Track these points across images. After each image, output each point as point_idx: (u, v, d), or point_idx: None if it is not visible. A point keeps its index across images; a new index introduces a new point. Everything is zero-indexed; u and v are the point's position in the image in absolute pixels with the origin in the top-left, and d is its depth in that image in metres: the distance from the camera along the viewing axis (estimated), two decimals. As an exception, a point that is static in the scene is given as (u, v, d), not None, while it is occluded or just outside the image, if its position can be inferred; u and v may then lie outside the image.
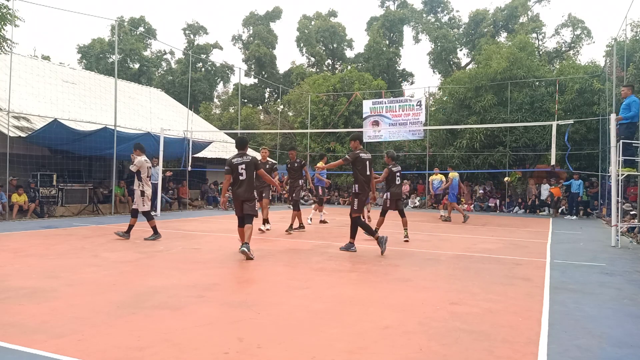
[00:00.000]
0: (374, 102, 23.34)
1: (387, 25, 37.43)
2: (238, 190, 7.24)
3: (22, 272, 5.80)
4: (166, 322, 3.91)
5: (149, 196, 9.13)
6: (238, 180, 7.23)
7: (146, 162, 9.12)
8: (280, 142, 28.60)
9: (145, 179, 9.01)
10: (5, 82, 14.16)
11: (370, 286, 5.44)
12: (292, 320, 4.09)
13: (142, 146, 9.26)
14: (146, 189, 9.01)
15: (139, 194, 9.00)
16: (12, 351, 3.24)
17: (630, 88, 9.64)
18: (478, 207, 20.85)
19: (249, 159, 7.29)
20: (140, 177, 8.96)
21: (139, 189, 8.99)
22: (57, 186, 14.09)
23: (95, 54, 40.64)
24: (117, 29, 25.97)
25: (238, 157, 7.30)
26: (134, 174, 9.06)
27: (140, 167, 8.95)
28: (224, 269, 6.49)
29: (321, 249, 8.27)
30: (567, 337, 3.76)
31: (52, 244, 8.18)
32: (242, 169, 7.22)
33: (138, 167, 8.95)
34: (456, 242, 9.69)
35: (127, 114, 19.17)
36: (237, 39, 45.19)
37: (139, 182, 8.98)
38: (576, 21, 30.68)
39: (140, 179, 8.97)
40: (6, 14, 11.78)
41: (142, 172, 8.97)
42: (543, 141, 19.33)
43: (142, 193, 8.97)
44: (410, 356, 3.29)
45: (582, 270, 6.73)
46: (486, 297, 5.00)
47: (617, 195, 9.42)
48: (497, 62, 20.31)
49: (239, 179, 7.23)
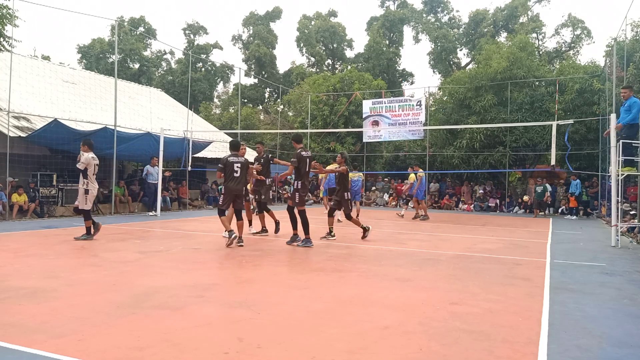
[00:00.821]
0: (373, 102, 23.34)
1: (387, 25, 37.43)
2: (231, 185, 8.16)
3: (22, 272, 5.80)
4: (166, 322, 3.91)
5: (93, 195, 8.79)
6: (233, 177, 8.16)
7: (93, 159, 8.75)
8: (280, 142, 28.59)
9: (91, 176, 8.66)
10: (5, 82, 14.15)
11: (370, 286, 5.44)
12: (292, 320, 4.09)
13: (90, 142, 8.95)
14: (91, 187, 8.66)
15: (82, 192, 8.63)
16: (12, 351, 3.24)
17: (630, 89, 9.62)
18: (478, 207, 20.85)
19: (243, 160, 8.39)
20: (86, 175, 8.61)
21: (83, 187, 8.61)
22: (57, 186, 14.08)
23: (95, 54, 40.63)
24: (117, 29, 25.96)
25: (234, 157, 8.29)
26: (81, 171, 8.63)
27: (88, 165, 8.61)
28: (224, 269, 6.49)
29: (321, 249, 8.27)
30: (567, 337, 3.76)
31: (52, 244, 8.18)
32: (238, 167, 8.20)
33: (85, 165, 8.59)
34: (456, 242, 9.69)
35: (127, 114, 19.15)
36: (237, 39, 45.22)
37: (84, 180, 8.61)
38: (576, 21, 30.69)
39: (85, 177, 8.61)
40: (6, 14, 11.78)
41: (89, 170, 8.62)
42: (543, 141, 19.33)
43: (86, 191, 8.61)
44: (410, 356, 3.29)
45: (582, 270, 6.73)
46: (486, 297, 5.00)
47: (617, 195, 9.42)
48: (497, 62, 20.31)
49: (233, 175, 8.16)
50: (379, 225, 13.22)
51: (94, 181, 8.79)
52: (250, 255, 7.51)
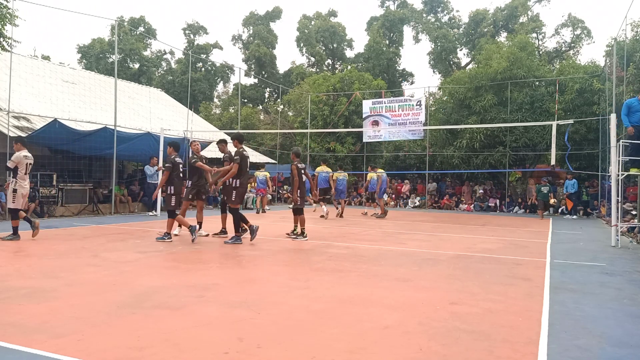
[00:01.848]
0: (373, 102, 23.34)
1: (387, 25, 37.42)
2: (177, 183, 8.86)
3: (22, 272, 5.80)
4: (166, 322, 3.91)
5: (23, 194, 8.47)
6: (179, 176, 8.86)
7: (26, 158, 8.45)
8: (280, 142, 28.59)
9: (22, 175, 8.36)
10: (5, 82, 14.16)
11: (370, 286, 5.44)
12: (292, 320, 4.08)
13: (23, 140, 8.73)
14: (19, 186, 8.34)
15: (10, 191, 8.37)
16: (12, 351, 3.23)
17: None
18: (478, 207, 20.85)
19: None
20: (17, 174, 8.34)
21: (12, 185, 8.35)
22: (57, 186, 14.08)
23: (95, 54, 40.64)
24: (117, 29, 25.98)
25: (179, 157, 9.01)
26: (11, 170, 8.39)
27: (19, 164, 8.34)
28: (224, 269, 6.49)
29: (321, 249, 8.27)
30: (567, 337, 3.76)
31: (52, 244, 8.18)
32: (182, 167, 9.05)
33: (16, 164, 8.33)
34: (456, 242, 9.69)
35: (127, 114, 19.16)
36: (237, 39, 45.21)
37: (14, 179, 8.36)
38: (576, 21, 30.69)
39: (15, 176, 8.35)
40: (6, 14, 11.79)
41: (20, 169, 8.35)
42: (543, 141, 19.33)
43: (15, 190, 8.32)
44: (410, 356, 3.29)
45: (582, 270, 6.73)
46: (486, 297, 5.00)
47: (617, 195, 9.42)
48: (497, 62, 20.31)
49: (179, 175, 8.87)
50: (378, 225, 13.23)
51: (25, 180, 8.46)
52: (250, 255, 7.51)
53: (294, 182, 9.55)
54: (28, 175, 8.55)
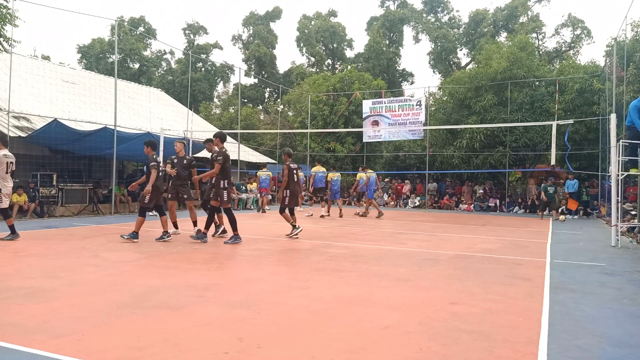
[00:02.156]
0: (373, 102, 23.34)
1: (387, 25, 37.44)
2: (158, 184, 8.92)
3: (22, 272, 5.80)
4: (166, 322, 3.91)
5: (8, 193, 8.37)
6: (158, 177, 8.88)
7: (6, 157, 8.32)
8: (280, 142, 28.59)
9: (4, 175, 8.25)
10: (5, 82, 14.16)
11: (370, 286, 5.44)
12: (292, 320, 4.08)
13: (5, 139, 8.63)
14: (2, 185, 8.23)
15: None
16: (12, 351, 3.23)
17: None
18: (478, 207, 20.85)
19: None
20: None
21: None
22: (57, 186, 14.08)
23: (95, 54, 40.64)
24: (117, 29, 25.96)
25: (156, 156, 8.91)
26: None
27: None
28: (224, 269, 6.49)
29: (321, 249, 8.27)
30: (567, 337, 3.76)
31: (52, 244, 8.18)
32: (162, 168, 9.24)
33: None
34: (456, 242, 9.68)
35: (127, 114, 19.16)
36: (237, 39, 45.23)
37: None
38: (576, 21, 30.72)
39: None
40: (6, 14, 11.79)
41: (1, 168, 8.22)
42: (543, 141, 19.33)
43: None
44: (410, 356, 3.29)
45: (582, 270, 6.73)
46: (486, 297, 4.99)
47: (617, 195, 9.42)
48: (497, 62, 20.31)
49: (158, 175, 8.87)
50: (378, 225, 13.23)
51: (7, 179, 8.35)
52: (250, 255, 7.51)
53: (282, 182, 9.75)
54: (9, 174, 8.43)
